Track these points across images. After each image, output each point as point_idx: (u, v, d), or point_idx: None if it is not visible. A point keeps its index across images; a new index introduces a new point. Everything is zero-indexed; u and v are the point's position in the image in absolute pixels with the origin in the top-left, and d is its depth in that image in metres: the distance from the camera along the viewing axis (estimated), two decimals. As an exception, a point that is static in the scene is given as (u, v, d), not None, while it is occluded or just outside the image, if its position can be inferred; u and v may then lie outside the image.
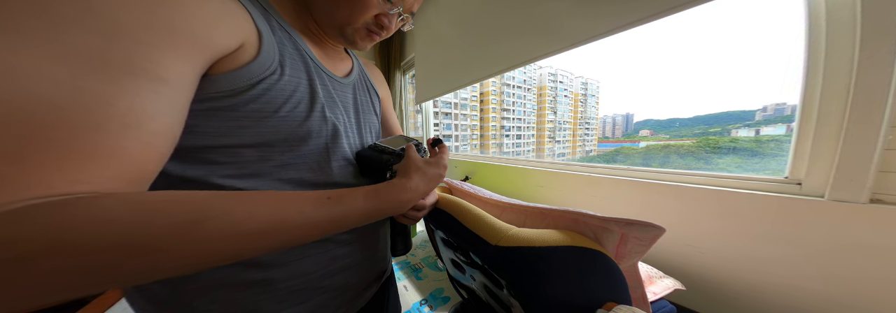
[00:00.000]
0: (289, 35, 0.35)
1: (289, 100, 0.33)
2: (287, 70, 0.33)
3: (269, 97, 0.31)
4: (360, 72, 0.52)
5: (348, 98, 0.45)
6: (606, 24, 0.85)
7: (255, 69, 0.29)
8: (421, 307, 1.19)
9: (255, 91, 0.29)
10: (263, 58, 0.30)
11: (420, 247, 1.75)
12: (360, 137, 0.48)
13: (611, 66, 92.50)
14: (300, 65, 0.35)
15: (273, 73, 0.31)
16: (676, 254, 0.78)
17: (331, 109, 0.39)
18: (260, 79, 0.29)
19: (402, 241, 0.55)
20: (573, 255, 0.41)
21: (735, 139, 9.29)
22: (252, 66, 0.29)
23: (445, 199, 0.65)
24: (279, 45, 0.33)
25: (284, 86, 0.32)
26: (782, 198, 0.62)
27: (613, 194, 0.95)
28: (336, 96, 0.42)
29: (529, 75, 23.21)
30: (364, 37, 0.41)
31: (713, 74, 50.12)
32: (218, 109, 0.28)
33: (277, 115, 0.32)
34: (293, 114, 0.34)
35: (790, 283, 0.63)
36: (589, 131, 32.56)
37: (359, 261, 0.46)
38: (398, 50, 2.38)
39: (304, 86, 0.35)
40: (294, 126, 0.34)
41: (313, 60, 0.38)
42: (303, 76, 0.35)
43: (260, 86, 0.30)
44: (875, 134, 0.50)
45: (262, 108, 0.30)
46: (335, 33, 0.40)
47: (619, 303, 0.39)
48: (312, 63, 0.38)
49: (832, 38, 0.55)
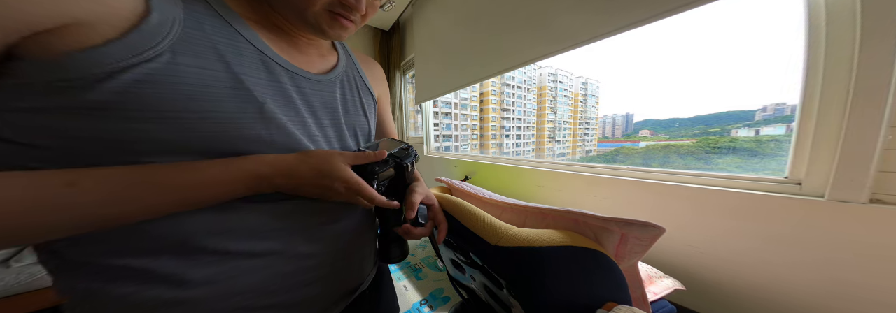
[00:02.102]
0: (226, 23, 0.29)
1: (194, 98, 0.26)
2: (190, 60, 0.25)
3: (154, 92, 0.24)
4: (350, 68, 0.47)
5: (323, 97, 0.39)
6: (607, 25, 0.85)
7: (120, 50, 0.22)
8: (421, 307, 1.19)
9: (123, 83, 0.22)
10: (139, 38, 0.23)
11: (420, 247, 1.75)
12: (339, 142, 0.42)
13: (611, 66, 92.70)
14: (231, 56, 0.29)
15: (154, 58, 0.23)
16: (676, 254, 0.78)
17: (285, 110, 0.34)
18: (128, 65, 0.22)
19: (398, 248, 0.48)
20: (573, 255, 0.41)
21: (735, 139, 9.44)
22: (112, 46, 0.21)
23: (445, 199, 0.65)
24: (191, 29, 0.26)
25: (185, 78, 0.25)
26: (782, 198, 0.62)
27: (613, 194, 0.95)
28: (300, 95, 0.36)
29: (529, 75, 23.27)
30: (330, 22, 0.35)
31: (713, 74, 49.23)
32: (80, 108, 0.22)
33: (174, 117, 0.25)
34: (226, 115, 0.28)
35: (790, 283, 0.63)
36: (589, 131, 32.60)
37: (323, 276, 0.40)
38: (398, 50, 2.38)
39: (231, 80, 0.28)
40: (207, 131, 0.27)
41: (264, 53, 0.32)
42: (231, 69, 0.29)
43: (129, 75, 0.22)
44: (875, 134, 0.50)
45: (143, 107, 0.24)
46: (299, 21, 0.35)
47: (619, 303, 0.39)
48: (260, 56, 0.32)
49: (832, 38, 0.55)
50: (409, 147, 0.46)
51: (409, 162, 0.44)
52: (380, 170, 0.38)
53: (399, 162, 0.42)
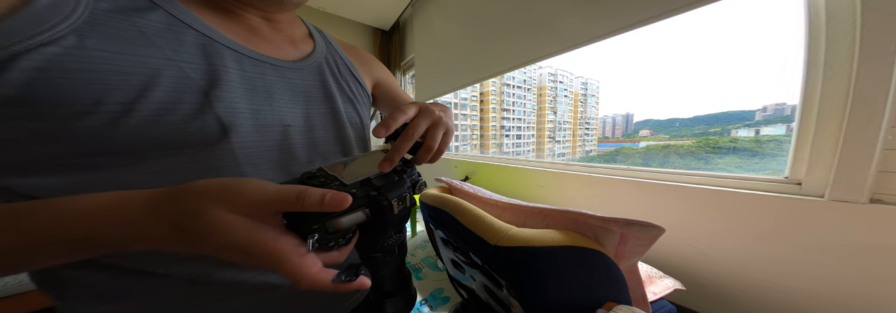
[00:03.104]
0: (155, 5, 0.26)
1: (114, 87, 0.22)
2: (104, 44, 0.22)
3: (61, 82, 0.20)
4: (332, 56, 0.43)
5: (296, 85, 0.35)
6: (608, 26, 0.85)
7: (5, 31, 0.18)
8: (421, 307, 1.19)
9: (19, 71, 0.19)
10: (28, 18, 0.19)
11: (420, 247, 1.75)
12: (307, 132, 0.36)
13: (611, 66, 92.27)
14: (163, 41, 0.25)
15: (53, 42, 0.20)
16: (676, 254, 0.78)
17: (239, 97, 0.29)
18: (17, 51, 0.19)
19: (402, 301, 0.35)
20: (573, 255, 0.41)
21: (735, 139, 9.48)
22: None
23: (445, 199, 0.65)
24: (103, 12, 0.22)
25: (98, 65, 0.22)
26: (782, 197, 0.62)
27: (613, 194, 0.95)
28: (264, 83, 0.32)
29: (529, 75, 23.38)
30: None
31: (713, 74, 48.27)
32: None
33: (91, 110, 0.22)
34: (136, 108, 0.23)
35: (790, 283, 0.63)
36: (589, 131, 32.72)
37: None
38: (398, 50, 2.38)
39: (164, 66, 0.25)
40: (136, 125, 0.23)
41: (211, 38, 0.28)
42: (165, 55, 0.25)
43: (24, 64, 0.19)
44: (875, 134, 0.50)
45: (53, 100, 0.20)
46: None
47: (619, 303, 0.39)
48: (205, 40, 0.28)
49: (832, 38, 0.55)
50: (407, 171, 0.29)
51: (395, 197, 0.25)
52: (330, 219, 0.21)
53: (376, 197, 0.24)
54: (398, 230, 0.31)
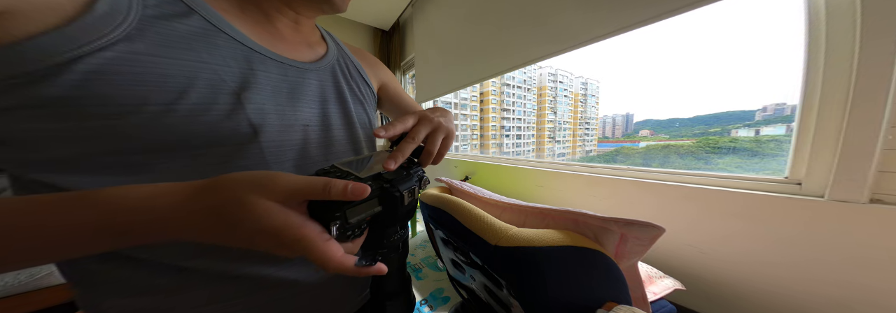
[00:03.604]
0: (191, 10, 0.27)
1: (157, 88, 0.24)
2: (150, 48, 0.24)
3: (112, 84, 0.22)
4: (343, 58, 0.45)
5: (312, 86, 0.37)
6: (608, 26, 0.85)
7: (63, 41, 0.20)
8: (421, 307, 1.19)
9: (76, 75, 0.21)
10: (86, 26, 0.21)
11: (420, 247, 1.75)
12: (323, 131, 0.38)
13: (611, 66, 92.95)
14: (202, 44, 0.27)
15: (107, 47, 0.22)
16: (676, 254, 0.78)
17: (266, 98, 0.31)
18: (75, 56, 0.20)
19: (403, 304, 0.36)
20: (573, 255, 0.41)
21: (735, 139, 9.44)
22: (54, 35, 0.20)
23: (445, 199, 0.65)
24: (151, 18, 0.24)
25: (145, 68, 0.23)
26: (782, 198, 0.62)
27: (613, 194, 0.95)
28: (284, 84, 0.33)
29: (529, 75, 23.34)
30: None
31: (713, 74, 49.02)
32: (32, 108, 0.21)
33: (136, 110, 0.23)
34: (176, 107, 0.25)
35: (790, 283, 0.63)
36: (589, 131, 32.66)
37: None
38: (398, 50, 2.38)
39: (198, 69, 0.26)
40: (183, 122, 0.25)
41: (240, 42, 0.30)
42: (199, 58, 0.27)
43: (81, 67, 0.21)
44: (875, 134, 0.50)
45: (105, 101, 0.22)
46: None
47: (619, 303, 0.39)
48: (235, 44, 0.30)
49: (832, 38, 0.55)
50: (414, 169, 0.31)
51: (405, 189, 0.27)
52: (347, 207, 0.23)
53: (389, 190, 0.26)
54: (403, 225, 0.33)
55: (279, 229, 0.20)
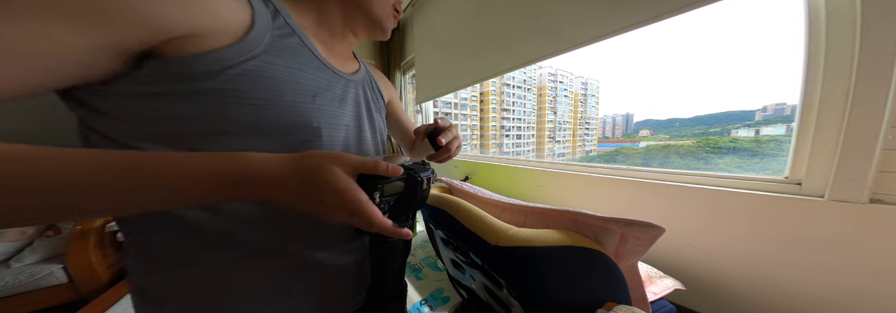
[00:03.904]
0: (294, 32, 0.37)
1: (273, 88, 0.33)
2: (274, 58, 0.33)
3: (249, 82, 0.31)
4: (367, 73, 0.54)
5: (351, 95, 0.46)
6: (608, 26, 0.85)
7: (233, 51, 0.30)
8: (421, 307, 1.19)
9: (229, 76, 0.30)
10: (245, 45, 0.30)
11: (420, 247, 1.75)
12: (367, 131, 0.49)
13: (611, 66, 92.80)
14: (297, 57, 0.36)
15: (252, 59, 0.31)
16: (676, 254, 0.78)
17: (325, 103, 0.40)
18: (237, 61, 0.30)
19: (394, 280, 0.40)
20: (573, 255, 0.41)
21: (735, 139, 9.35)
22: (227, 50, 0.29)
23: (445, 199, 0.65)
24: (275, 37, 0.34)
25: (268, 73, 0.33)
26: (782, 198, 0.62)
27: (613, 194, 0.95)
28: (334, 91, 0.42)
29: (529, 75, 23.30)
30: (392, 20, 0.50)
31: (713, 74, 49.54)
32: (195, 94, 0.29)
33: (262, 102, 0.32)
34: (279, 103, 0.34)
35: (790, 283, 0.63)
36: (589, 131, 32.59)
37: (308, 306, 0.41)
38: (398, 50, 2.38)
39: (291, 76, 0.35)
40: (278, 114, 0.34)
41: (316, 55, 0.40)
42: (299, 65, 0.36)
43: (234, 71, 0.30)
44: (875, 134, 0.50)
45: (240, 94, 0.31)
46: (369, 23, 0.47)
47: (619, 303, 0.39)
48: (313, 55, 0.39)
49: (832, 38, 0.55)
50: (427, 164, 0.39)
51: (424, 176, 0.35)
52: (385, 182, 0.31)
53: (412, 174, 0.34)
54: (414, 212, 0.39)
55: (344, 190, 0.27)
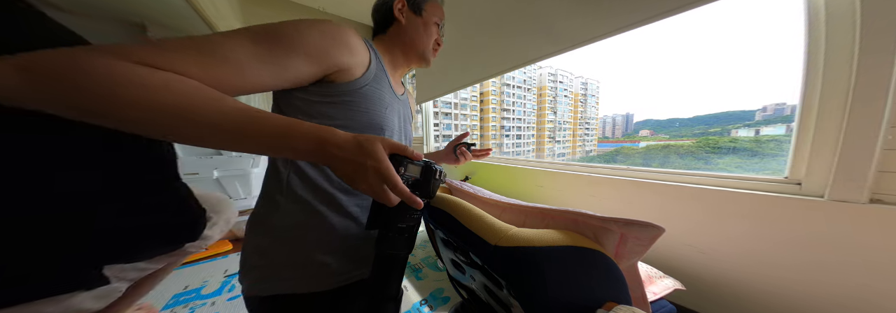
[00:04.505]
0: (382, 67, 0.56)
1: (372, 102, 0.52)
2: (375, 84, 0.53)
3: (363, 98, 0.51)
4: (408, 94, 0.75)
5: (399, 109, 0.63)
6: (607, 25, 0.85)
7: (360, 80, 0.50)
8: (421, 307, 1.19)
9: (357, 93, 0.50)
10: (366, 75, 0.51)
11: (420, 247, 1.75)
12: (401, 137, 0.65)
13: (611, 66, 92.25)
14: (382, 84, 0.56)
15: (367, 85, 0.51)
16: (676, 254, 0.78)
17: (390, 114, 0.57)
18: (360, 86, 0.50)
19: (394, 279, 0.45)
20: (573, 255, 0.41)
21: (735, 139, 9.38)
22: (359, 79, 0.50)
23: (445, 199, 0.65)
24: (376, 69, 0.53)
25: (371, 93, 0.52)
26: (782, 197, 0.62)
27: (613, 194, 0.95)
28: (394, 106, 0.60)
29: (529, 75, 23.42)
30: (434, 53, 0.69)
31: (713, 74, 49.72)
32: (339, 103, 0.49)
33: (367, 110, 0.52)
34: (373, 111, 0.53)
35: (790, 282, 0.63)
36: (589, 131, 32.71)
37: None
38: (398, 50, 2.38)
39: (380, 96, 0.54)
40: (372, 118, 0.53)
41: (389, 83, 0.59)
42: (383, 90, 0.55)
43: (360, 92, 0.50)
44: (875, 134, 0.50)
45: (358, 105, 0.50)
46: (419, 58, 0.66)
47: (619, 303, 0.39)
48: (388, 83, 0.58)
49: (832, 38, 0.55)
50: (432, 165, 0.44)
51: (437, 168, 0.43)
52: (409, 162, 0.40)
53: (429, 163, 0.42)
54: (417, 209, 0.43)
55: (381, 158, 0.36)
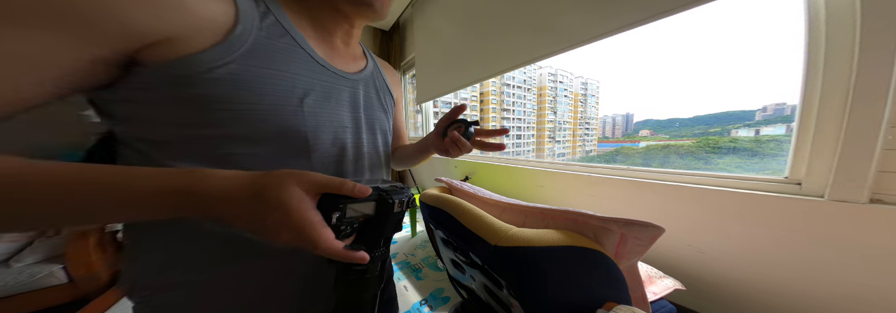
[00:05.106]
0: (286, 32, 0.35)
1: (252, 93, 0.32)
2: (256, 62, 0.32)
3: (227, 88, 0.30)
4: (375, 72, 0.53)
5: (352, 93, 0.45)
6: (607, 25, 0.85)
7: (214, 55, 0.29)
8: (421, 307, 1.19)
9: (209, 80, 0.29)
10: (228, 46, 0.30)
11: (420, 247, 1.75)
12: (366, 133, 0.47)
13: (611, 65, 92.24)
14: (286, 56, 0.35)
15: (230, 63, 0.30)
16: (676, 254, 0.78)
17: (320, 104, 0.39)
18: (215, 66, 0.29)
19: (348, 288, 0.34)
20: (573, 255, 0.41)
21: (735, 139, 9.46)
22: (210, 52, 0.29)
23: (445, 199, 0.65)
24: (261, 38, 0.32)
25: (247, 77, 0.31)
26: (782, 198, 0.62)
27: (613, 194, 0.95)
28: (335, 92, 0.41)
29: (529, 75, 23.39)
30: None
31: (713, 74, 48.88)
32: (186, 99, 0.29)
33: (240, 108, 0.31)
34: (268, 109, 0.33)
35: (790, 282, 0.63)
36: (589, 131, 32.71)
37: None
38: (398, 50, 2.38)
39: (281, 78, 0.34)
40: (260, 119, 0.33)
41: (311, 56, 0.38)
42: (289, 64, 0.35)
43: (211, 76, 0.29)
44: (875, 134, 0.50)
45: (228, 100, 0.30)
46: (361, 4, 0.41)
47: (619, 303, 0.39)
48: (307, 57, 0.38)
49: (832, 38, 0.55)
50: (405, 188, 0.36)
51: (397, 199, 0.32)
52: (350, 203, 0.29)
53: (383, 196, 0.32)
54: (387, 238, 0.36)
55: (293, 209, 0.25)
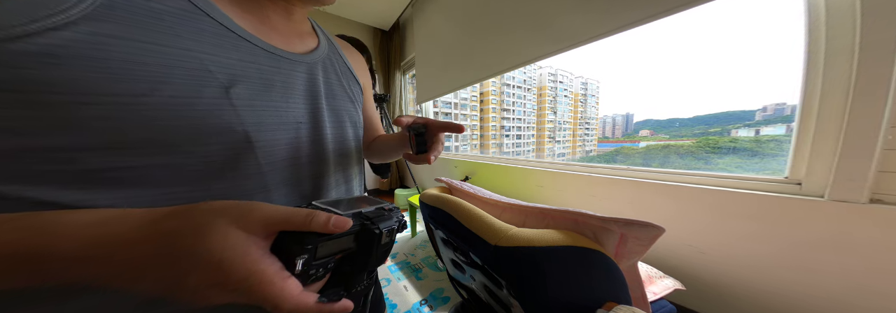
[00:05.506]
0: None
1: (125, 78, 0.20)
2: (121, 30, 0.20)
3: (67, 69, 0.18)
4: (333, 53, 0.42)
5: (305, 80, 0.34)
6: (606, 25, 0.85)
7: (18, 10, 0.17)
8: (421, 307, 1.19)
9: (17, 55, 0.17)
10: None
11: (420, 247, 1.75)
12: (313, 130, 0.35)
13: (611, 66, 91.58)
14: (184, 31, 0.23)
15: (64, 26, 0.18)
16: (676, 254, 0.78)
17: (257, 94, 0.28)
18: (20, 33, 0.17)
19: None
20: (573, 255, 0.41)
21: (735, 139, 9.50)
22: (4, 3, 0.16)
23: (445, 199, 0.65)
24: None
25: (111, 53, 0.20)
26: (782, 197, 0.62)
27: (613, 194, 0.95)
28: (280, 77, 0.31)
29: (529, 75, 23.59)
30: None
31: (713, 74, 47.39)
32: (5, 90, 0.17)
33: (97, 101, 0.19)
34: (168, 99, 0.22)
35: (790, 282, 0.63)
36: (589, 131, 33.00)
37: None
38: (398, 50, 2.38)
39: (184, 57, 0.23)
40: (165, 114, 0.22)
41: (230, 30, 0.27)
42: (184, 45, 0.23)
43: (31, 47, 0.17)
44: (875, 134, 0.50)
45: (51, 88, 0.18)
46: None
47: (619, 303, 0.39)
48: (224, 31, 0.26)
49: (832, 38, 0.55)
50: (393, 208, 0.28)
51: (385, 228, 0.25)
52: (326, 240, 0.21)
53: (368, 227, 0.25)
54: (373, 269, 0.29)
55: (232, 263, 0.17)
